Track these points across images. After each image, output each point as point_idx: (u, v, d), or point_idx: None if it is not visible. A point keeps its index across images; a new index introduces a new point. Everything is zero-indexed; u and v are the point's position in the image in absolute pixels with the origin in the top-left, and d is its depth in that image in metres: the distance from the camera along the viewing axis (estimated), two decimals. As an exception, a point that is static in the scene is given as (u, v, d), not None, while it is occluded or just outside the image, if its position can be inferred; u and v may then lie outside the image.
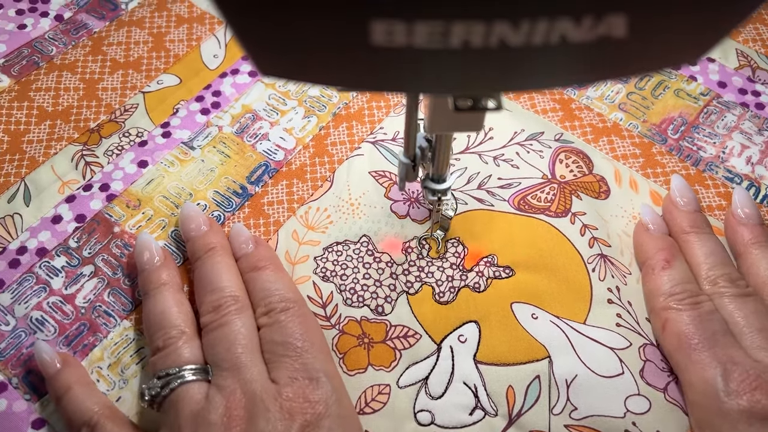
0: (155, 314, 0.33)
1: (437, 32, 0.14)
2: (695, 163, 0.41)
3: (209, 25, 0.47)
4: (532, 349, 0.34)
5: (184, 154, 0.41)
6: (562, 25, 0.14)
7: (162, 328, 0.32)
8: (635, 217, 0.38)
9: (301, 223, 0.38)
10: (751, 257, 0.35)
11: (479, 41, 0.15)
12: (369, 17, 0.14)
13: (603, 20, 0.14)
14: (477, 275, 0.36)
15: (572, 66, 0.17)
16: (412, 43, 0.15)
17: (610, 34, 0.15)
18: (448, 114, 0.24)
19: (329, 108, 0.43)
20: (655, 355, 0.34)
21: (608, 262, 0.36)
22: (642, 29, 0.15)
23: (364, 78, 0.18)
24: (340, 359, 0.33)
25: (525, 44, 0.15)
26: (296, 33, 0.15)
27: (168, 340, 0.31)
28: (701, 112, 0.43)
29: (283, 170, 0.40)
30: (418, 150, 0.31)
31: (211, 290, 0.33)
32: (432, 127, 0.27)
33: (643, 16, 0.15)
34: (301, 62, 0.17)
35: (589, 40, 0.15)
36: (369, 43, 0.15)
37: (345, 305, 0.35)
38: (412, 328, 0.35)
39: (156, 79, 0.44)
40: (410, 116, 0.28)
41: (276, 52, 0.16)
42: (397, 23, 0.14)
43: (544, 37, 0.15)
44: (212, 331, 0.32)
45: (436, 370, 0.33)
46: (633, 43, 0.16)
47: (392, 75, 0.17)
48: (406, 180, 0.33)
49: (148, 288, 0.34)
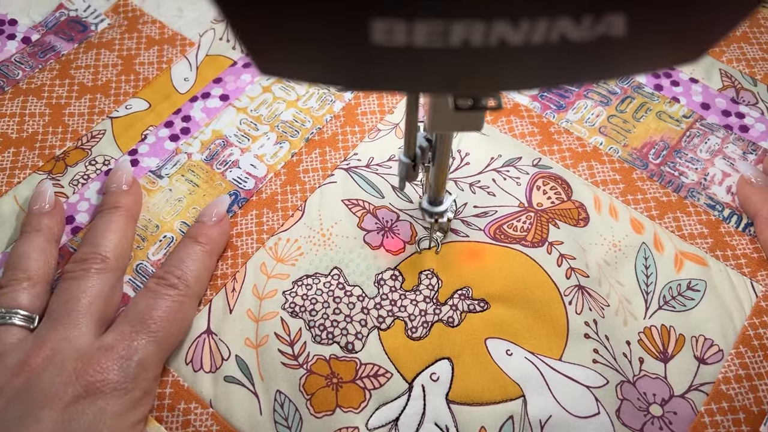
0: (16, 255, 0.34)
1: (437, 31, 0.14)
2: (677, 189, 0.39)
3: (181, 46, 0.46)
4: (506, 388, 0.33)
5: (151, 184, 0.39)
6: (561, 25, 0.14)
7: (12, 268, 0.33)
8: (615, 245, 0.37)
9: (270, 255, 0.37)
10: None
11: (479, 40, 0.15)
12: (369, 16, 0.14)
13: (602, 19, 0.14)
14: (451, 309, 0.35)
15: (572, 65, 0.17)
16: (412, 42, 0.15)
17: (609, 33, 0.15)
18: (448, 114, 0.24)
19: (302, 133, 0.42)
20: (632, 394, 0.33)
21: (586, 294, 0.35)
22: (642, 28, 0.15)
23: (363, 77, 0.18)
24: (307, 400, 0.32)
25: (525, 43, 0.15)
26: (296, 32, 0.15)
27: (11, 281, 0.33)
28: (684, 136, 0.42)
29: (253, 199, 0.39)
30: (418, 150, 0.31)
31: (88, 243, 0.34)
32: (432, 127, 0.26)
33: (642, 15, 0.15)
34: (301, 61, 0.17)
35: (588, 40, 0.15)
36: (369, 42, 0.15)
37: (314, 343, 0.34)
38: (382, 366, 0.33)
39: (124, 104, 0.43)
40: (410, 116, 0.28)
41: (275, 51, 0.16)
42: (397, 22, 0.14)
43: (544, 37, 0.15)
44: (64, 281, 0.33)
45: (407, 410, 0.32)
46: (633, 42, 0.16)
47: (392, 74, 0.17)
48: (406, 180, 0.32)
49: (24, 229, 0.36)
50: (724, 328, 0.35)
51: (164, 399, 0.33)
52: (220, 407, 0.33)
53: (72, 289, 0.32)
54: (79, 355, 0.30)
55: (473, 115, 0.24)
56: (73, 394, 0.28)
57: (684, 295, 0.36)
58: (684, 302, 0.35)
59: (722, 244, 0.37)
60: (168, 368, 0.33)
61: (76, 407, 0.28)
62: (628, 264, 0.37)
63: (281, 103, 0.43)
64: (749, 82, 0.44)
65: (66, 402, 0.28)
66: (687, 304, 0.35)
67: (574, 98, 0.44)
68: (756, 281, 0.36)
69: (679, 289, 0.36)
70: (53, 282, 0.35)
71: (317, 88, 0.44)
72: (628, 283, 0.36)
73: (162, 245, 0.37)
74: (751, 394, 0.33)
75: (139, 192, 0.38)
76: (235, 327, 0.35)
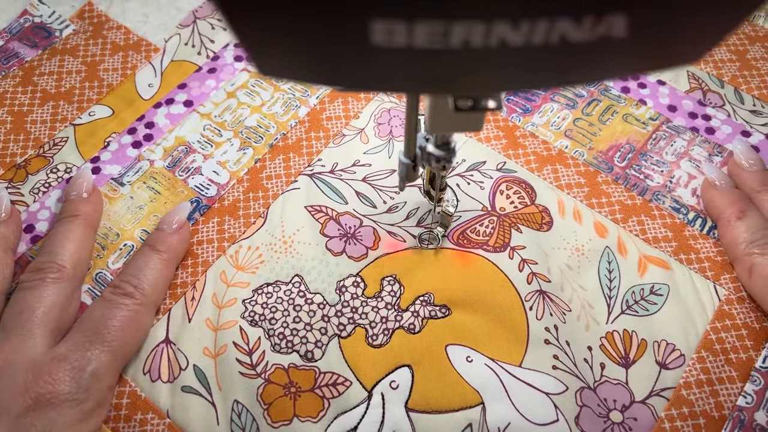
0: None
1: (437, 32, 0.14)
2: (641, 192, 0.39)
3: (146, 52, 0.45)
4: (466, 395, 0.32)
5: (113, 191, 0.39)
6: (562, 25, 0.14)
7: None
8: (578, 250, 0.37)
9: (231, 263, 0.37)
10: None
11: (479, 41, 0.15)
12: (369, 17, 0.14)
13: (603, 20, 0.14)
14: (412, 315, 0.35)
15: (572, 65, 0.17)
16: (412, 43, 0.15)
17: (610, 34, 0.15)
18: (448, 114, 0.24)
19: (266, 139, 0.41)
20: (592, 400, 0.32)
21: (547, 299, 0.35)
22: (642, 29, 0.15)
23: (363, 78, 0.18)
24: (264, 410, 0.32)
25: (525, 44, 0.15)
26: (295, 32, 0.15)
27: None
28: (650, 138, 0.42)
29: (215, 207, 0.39)
30: (418, 150, 0.30)
31: (45, 252, 0.34)
32: (432, 128, 0.26)
33: (643, 16, 0.15)
34: (300, 62, 0.17)
35: (589, 40, 0.15)
36: (369, 43, 0.15)
37: (273, 351, 0.34)
38: (342, 374, 0.33)
39: (88, 111, 0.42)
40: (410, 116, 0.28)
41: (275, 52, 0.16)
42: (397, 23, 0.14)
43: (544, 37, 0.15)
44: (20, 291, 0.33)
45: (366, 419, 0.32)
46: (633, 43, 0.16)
47: (392, 75, 0.17)
48: (406, 180, 0.32)
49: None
50: (687, 332, 0.35)
51: (121, 409, 0.32)
52: (177, 417, 0.32)
53: (27, 299, 0.32)
54: (31, 366, 0.29)
55: (473, 116, 0.24)
56: (23, 406, 0.28)
57: (647, 300, 0.36)
58: (647, 307, 0.35)
59: (686, 247, 0.37)
60: (125, 378, 0.33)
61: (26, 419, 0.28)
62: (592, 268, 0.36)
63: (246, 108, 0.43)
64: (716, 84, 0.44)
65: (16, 414, 0.28)
66: (650, 309, 0.35)
67: (540, 101, 0.43)
68: (719, 285, 0.36)
69: (642, 293, 0.36)
70: (9, 292, 0.34)
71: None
72: (591, 287, 0.36)
73: (122, 254, 0.37)
74: (712, 399, 0.33)
75: (100, 200, 0.38)
76: (194, 336, 0.34)
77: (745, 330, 0.35)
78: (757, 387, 0.33)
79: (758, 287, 0.34)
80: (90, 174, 0.39)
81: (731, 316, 0.35)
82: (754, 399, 0.33)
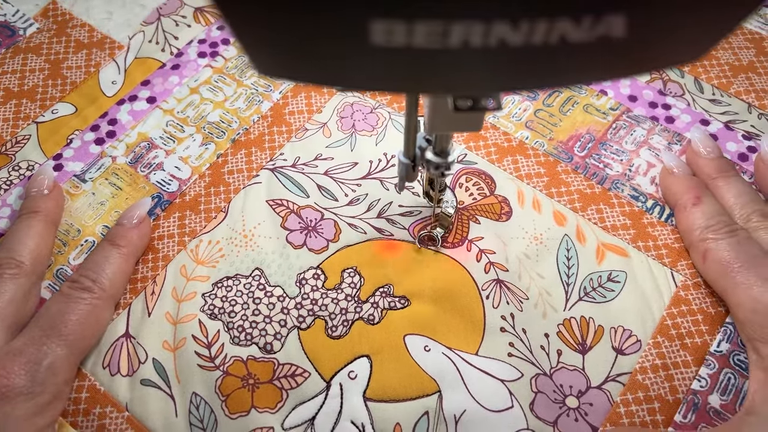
0: None
1: (437, 32, 0.14)
2: (601, 181, 0.40)
3: (109, 50, 0.45)
4: (423, 383, 0.33)
5: (75, 188, 0.39)
6: (561, 26, 0.14)
7: None
8: (537, 239, 0.37)
9: (191, 257, 0.37)
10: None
11: (479, 41, 0.15)
12: (368, 17, 0.14)
13: (602, 20, 0.14)
14: (372, 306, 0.35)
15: (572, 66, 0.17)
16: (411, 43, 0.15)
17: (609, 34, 0.15)
18: (448, 114, 0.24)
19: (228, 134, 0.41)
20: (547, 387, 0.33)
21: (504, 288, 0.35)
22: (642, 29, 0.15)
23: (363, 78, 0.18)
24: (222, 402, 0.32)
25: (524, 44, 0.15)
26: (295, 32, 0.15)
27: None
28: (610, 128, 0.42)
29: (176, 202, 0.39)
30: (418, 150, 0.31)
31: (4, 248, 0.34)
32: (432, 128, 0.26)
33: (642, 16, 0.15)
34: (300, 62, 0.17)
35: (588, 40, 0.15)
36: (368, 42, 0.15)
37: (232, 344, 0.34)
38: (301, 366, 0.33)
39: (51, 109, 0.43)
40: (410, 116, 0.28)
41: (274, 52, 0.16)
42: (397, 23, 0.14)
43: (544, 38, 0.15)
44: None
45: (324, 409, 0.32)
46: (633, 43, 0.16)
47: (392, 75, 0.17)
48: (405, 180, 0.32)
49: None
50: (643, 318, 0.35)
51: (80, 404, 0.32)
52: (135, 410, 0.32)
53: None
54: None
55: (473, 116, 0.24)
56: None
57: (605, 287, 0.36)
58: (604, 293, 0.36)
59: (644, 234, 0.38)
60: (84, 372, 0.33)
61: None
62: (550, 257, 0.37)
63: (208, 104, 0.43)
64: (677, 74, 0.45)
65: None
66: (607, 296, 0.36)
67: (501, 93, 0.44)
68: (676, 271, 0.36)
69: (600, 280, 0.36)
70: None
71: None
72: (549, 275, 0.36)
73: (83, 250, 0.37)
74: (667, 384, 0.33)
75: (61, 196, 0.38)
76: (153, 330, 0.34)
77: (701, 315, 0.35)
78: (712, 371, 0.33)
79: (712, 272, 0.34)
80: (51, 171, 0.39)
81: (687, 301, 0.35)
82: (708, 382, 0.33)
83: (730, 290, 0.33)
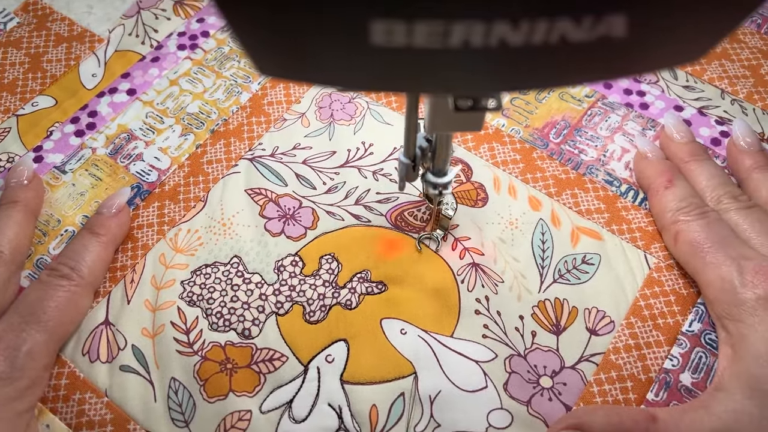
0: None
1: (437, 32, 0.14)
2: (575, 166, 0.40)
3: (89, 43, 0.46)
4: (399, 366, 0.33)
5: (55, 179, 0.40)
6: (561, 25, 0.14)
7: None
8: (512, 223, 0.38)
9: (170, 246, 0.37)
10: (753, 182, 0.37)
11: (479, 41, 0.15)
12: (368, 17, 0.14)
13: (603, 20, 0.14)
14: (349, 292, 0.36)
15: (572, 66, 0.17)
16: (411, 43, 0.15)
17: (610, 34, 0.15)
18: (448, 114, 0.24)
19: (207, 125, 0.42)
20: (521, 367, 0.33)
21: (480, 272, 0.36)
22: (642, 29, 0.15)
23: (363, 78, 0.18)
24: (201, 386, 0.33)
25: (525, 44, 0.15)
26: (295, 33, 0.15)
27: None
28: (585, 115, 0.43)
29: (155, 191, 0.39)
30: (418, 150, 0.31)
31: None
32: (432, 128, 0.26)
33: (643, 16, 0.15)
34: (300, 62, 0.17)
35: (589, 40, 0.15)
36: (368, 43, 0.15)
37: (210, 330, 0.34)
38: (278, 350, 0.34)
39: (31, 101, 0.43)
40: (410, 116, 0.28)
41: (275, 52, 0.16)
42: (397, 23, 0.14)
43: (544, 37, 0.15)
44: None
45: (301, 392, 0.33)
46: (633, 43, 0.16)
47: (392, 75, 0.17)
48: (406, 180, 0.32)
49: None
50: (617, 299, 0.35)
51: (60, 390, 0.33)
52: (115, 396, 0.33)
53: None
54: None
55: (473, 116, 0.24)
56: None
57: (579, 269, 0.36)
58: (579, 275, 0.36)
59: (618, 218, 0.38)
60: (64, 359, 0.34)
61: None
62: (525, 240, 0.37)
63: (188, 95, 0.43)
64: (651, 61, 0.45)
65: None
66: (581, 278, 0.36)
67: (479, 82, 0.44)
68: (649, 253, 0.37)
69: (575, 262, 0.37)
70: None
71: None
72: (524, 258, 0.37)
73: (63, 239, 0.37)
74: (640, 363, 0.34)
75: (41, 187, 0.38)
76: (133, 317, 0.35)
77: (673, 296, 0.35)
78: (683, 350, 0.34)
79: (683, 253, 0.35)
80: (31, 162, 0.39)
81: (660, 283, 0.36)
82: (680, 361, 0.34)
83: (700, 270, 0.33)
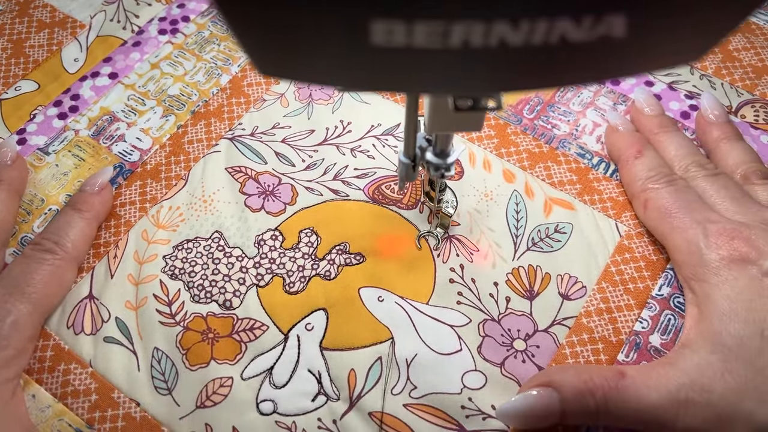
0: None
1: (437, 32, 0.14)
2: (548, 141, 0.41)
3: (71, 29, 0.46)
4: (377, 331, 0.34)
5: (38, 160, 0.40)
6: (561, 25, 0.14)
7: None
8: (487, 195, 0.39)
9: (152, 222, 0.38)
10: (721, 152, 0.38)
11: (479, 41, 0.15)
12: (368, 17, 0.14)
13: (603, 20, 0.14)
14: (328, 263, 0.36)
15: (572, 66, 0.17)
16: (411, 43, 0.15)
17: (610, 34, 0.15)
18: (448, 114, 0.24)
19: (188, 106, 0.43)
20: (495, 331, 0.34)
21: (455, 241, 0.37)
22: (642, 29, 0.15)
23: (363, 78, 0.18)
24: (183, 355, 0.34)
25: (525, 44, 0.15)
26: (295, 33, 0.15)
27: None
28: (558, 91, 0.44)
29: (138, 171, 0.40)
30: (418, 150, 0.31)
31: None
32: (432, 128, 0.27)
33: (643, 16, 0.15)
34: (300, 62, 0.17)
35: (589, 40, 0.15)
36: (368, 43, 0.15)
37: (192, 302, 0.35)
38: (259, 320, 0.35)
39: (14, 86, 0.43)
40: (410, 116, 0.28)
41: (275, 52, 0.16)
42: (397, 23, 0.14)
43: (544, 37, 0.15)
44: None
45: (282, 359, 0.34)
46: (633, 43, 0.16)
47: (392, 75, 0.17)
48: (406, 180, 0.33)
49: None
50: (589, 266, 0.36)
51: (45, 362, 0.34)
52: (99, 366, 0.34)
53: None
54: None
55: (473, 116, 0.24)
56: None
57: (552, 237, 0.37)
58: (551, 244, 0.37)
59: (590, 189, 0.39)
60: (49, 332, 0.34)
61: None
62: (500, 211, 0.38)
63: (169, 78, 0.44)
64: (622, 39, 0.46)
65: None
66: (554, 246, 0.37)
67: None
68: (620, 222, 0.38)
69: (548, 231, 0.38)
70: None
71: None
72: (498, 228, 0.38)
73: (47, 218, 0.38)
74: (611, 326, 0.35)
75: (24, 167, 0.39)
76: (116, 291, 0.36)
77: (643, 262, 0.37)
78: (653, 313, 0.35)
79: (652, 219, 0.36)
80: (14, 143, 0.40)
81: (630, 250, 0.37)
82: (650, 323, 0.35)
83: (668, 234, 0.35)
